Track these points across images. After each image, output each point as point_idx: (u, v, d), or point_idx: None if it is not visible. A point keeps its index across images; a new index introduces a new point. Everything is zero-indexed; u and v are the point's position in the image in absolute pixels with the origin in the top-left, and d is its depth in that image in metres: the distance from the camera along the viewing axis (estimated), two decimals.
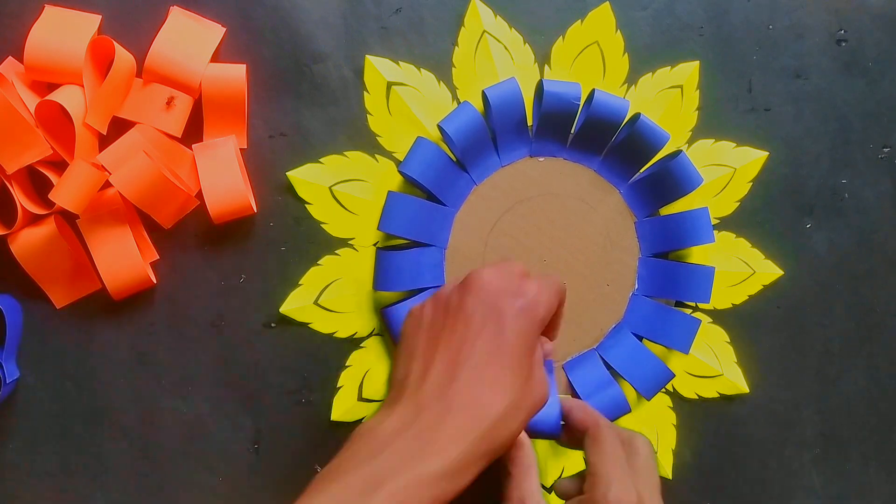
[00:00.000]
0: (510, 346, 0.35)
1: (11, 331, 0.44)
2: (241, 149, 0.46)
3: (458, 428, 0.33)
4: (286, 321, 0.47)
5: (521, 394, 0.35)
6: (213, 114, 0.45)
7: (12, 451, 0.46)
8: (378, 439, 0.33)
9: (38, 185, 0.45)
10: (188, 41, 0.44)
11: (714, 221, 0.50)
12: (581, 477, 0.39)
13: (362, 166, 0.47)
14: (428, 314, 0.38)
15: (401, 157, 0.47)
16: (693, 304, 0.50)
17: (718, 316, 0.51)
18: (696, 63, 0.49)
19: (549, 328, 0.40)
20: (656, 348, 0.49)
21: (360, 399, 0.47)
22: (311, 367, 0.47)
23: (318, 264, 0.47)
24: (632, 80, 0.49)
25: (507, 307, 0.36)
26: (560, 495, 0.41)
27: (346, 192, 0.47)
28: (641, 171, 0.48)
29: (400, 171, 0.45)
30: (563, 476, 0.48)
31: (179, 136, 0.44)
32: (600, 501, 0.36)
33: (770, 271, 0.51)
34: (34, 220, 0.44)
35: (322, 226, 0.47)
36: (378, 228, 0.46)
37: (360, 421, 0.47)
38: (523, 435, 0.41)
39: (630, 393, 0.49)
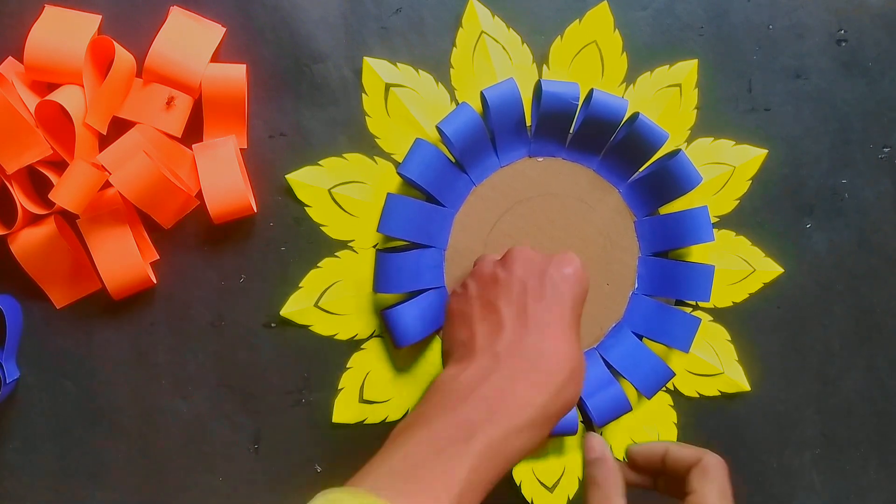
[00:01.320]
0: (568, 308, 0.37)
1: (11, 331, 0.44)
2: (241, 149, 0.46)
3: (537, 380, 0.34)
4: (286, 322, 0.47)
5: (579, 354, 0.37)
6: (213, 114, 0.45)
7: (12, 451, 0.46)
8: (461, 389, 0.34)
9: (38, 185, 0.45)
10: (188, 41, 0.44)
11: (713, 220, 0.50)
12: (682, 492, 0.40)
13: (361, 168, 0.47)
14: (474, 288, 0.40)
15: (400, 159, 0.47)
16: (693, 302, 0.50)
17: (719, 314, 0.51)
18: (695, 61, 0.49)
19: None
20: (657, 347, 0.49)
21: (362, 401, 0.47)
22: (312, 368, 0.47)
23: (318, 266, 0.47)
24: (630, 79, 0.49)
25: (557, 274, 0.38)
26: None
27: (345, 195, 0.47)
28: (640, 170, 0.48)
29: (399, 173, 0.45)
30: (563, 477, 0.48)
31: (179, 136, 0.44)
32: None
33: (770, 269, 0.51)
34: (34, 220, 0.44)
35: (321, 228, 0.47)
36: (377, 230, 0.46)
37: (362, 423, 0.47)
38: (607, 450, 0.42)
39: (631, 392, 0.49)
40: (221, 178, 0.44)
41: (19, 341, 0.45)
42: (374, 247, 0.47)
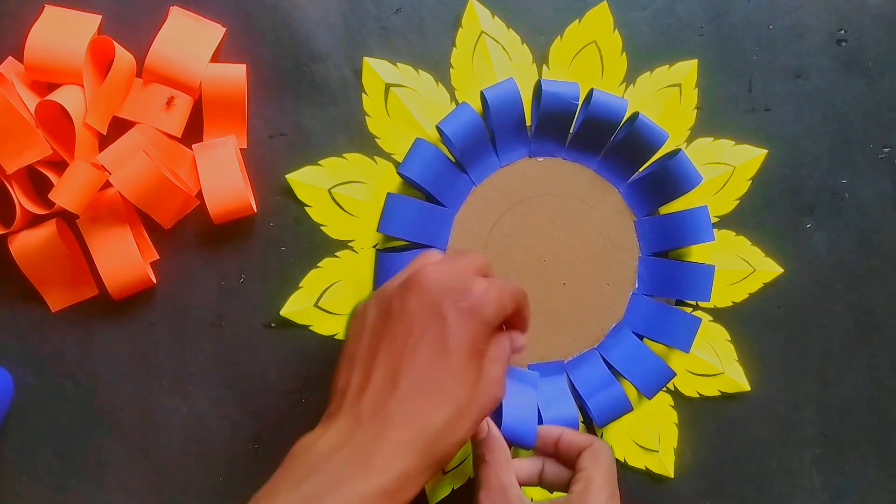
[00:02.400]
0: (453, 351, 0.33)
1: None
2: (241, 149, 0.46)
3: (399, 443, 0.31)
4: (286, 322, 0.47)
5: (465, 400, 0.33)
6: (213, 114, 0.45)
7: (12, 451, 0.46)
8: (314, 457, 0.32)
9: (38, 185, 0.45)
10: (188, 41, 0.44)
11: (714, 220, 0.50)
12: (568, 475, 0.41)
13: (361, 168, 0.47)
14: (371, 316, 0.35)
15: (400, 159, 0.47)
16: (693, 302, 0.50)
17: (719, 314, 0.51)
18: (695, 61, 0.49)
19: (517, 322, 0.39)
20: (657, 347, 0.49)
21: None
22: (311, 368, 0.47)
23: (318, 267, 0.47)
24: (630, 79, 0.49)
25: (450, 309, 0.33)
26: (545, 485, 0.43)
27: (345, 195, 0.47)
28: (640, 170, 0.48)
29: (399, 173, 0.45)
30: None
31: (179, 136, 0.44)
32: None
33: (770, 269, 0.51)
34: (34, 220, 0.44)
35: (322, 228, 0.47)
36: (378, 230, 0.46)
37: None
38: (490, 422, 0.42)
39: (631, 392, 0.49)
40: (221, 178, 0.44)
41: (5, 416, 0.45)
42: (375, 247, 0.47)
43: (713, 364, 0.50)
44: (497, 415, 0.44)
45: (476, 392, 0.34)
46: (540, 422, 0.46)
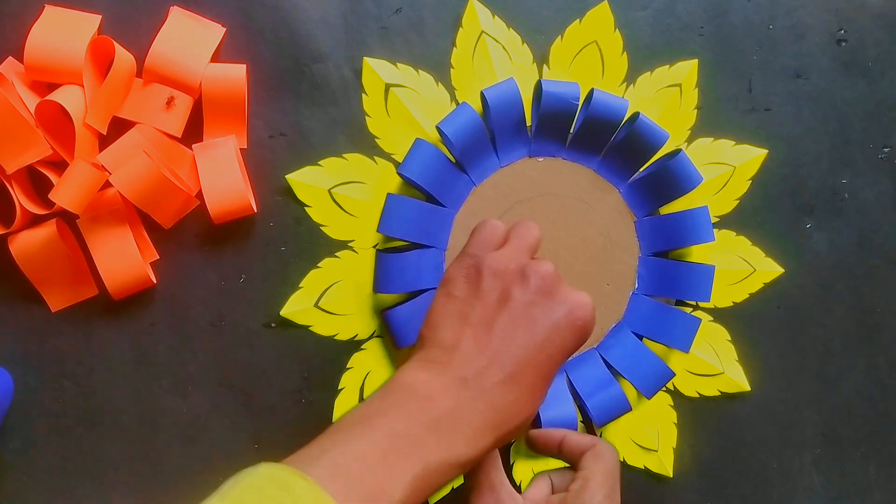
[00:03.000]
0: (550, 358, 0.35)
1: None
2: (241, 149, 0.46)
3: (494, 428, 0.34)
4: (286, 322, 0.47)
5: (537, 406, 0.36)
6: (213, 114, 0.45)
7: (12, 451, 0.46)
8: (430, 398, 0.34)
9: (38, 185, 0.45)
10: (188, 41, 0.44)
11: (714, 220, 0.50)
12: (568, 473, 0.41)
13: (361, 168, 0.47)
14: (486, 279, 0.36)
15: (400, 159, 0.47)
16: (693, 302, 0.50)
17: (719, 314, 0.51)
18: (695, 61, 0.49)
19: None
20: (657, 347, 0.49)
21: (362, 401, 0.47)
22: (311, 368, 0.47)
23: (318, 267, 0.47)
24: (630, 79, 0.49)
25: (542, 315, 0.35)
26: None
27: (345, 195, 0.47)
28: (641, 170, 0.48)
29: (399, 173, 0.45)
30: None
31: (179, 136, 0.44)
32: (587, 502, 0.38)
33: (770, 269, 0.51)
34: (34, 220, 0.44)
35: (321, 228, 0.47)
36: (377, 230, 0.46)
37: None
38: None
39: (631, 392, 0.49)
40: (221, 178, 0.44)
41: (5, 415, 0.45)
42: (375, 247, 0.47)
43: (713, 364, 0.50)
44: None
45: (538, 405, 0.36)
46: (539, 423, 0.46)
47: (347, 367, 0.47)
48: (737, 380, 0.50)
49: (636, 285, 0.49)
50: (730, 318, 0.51)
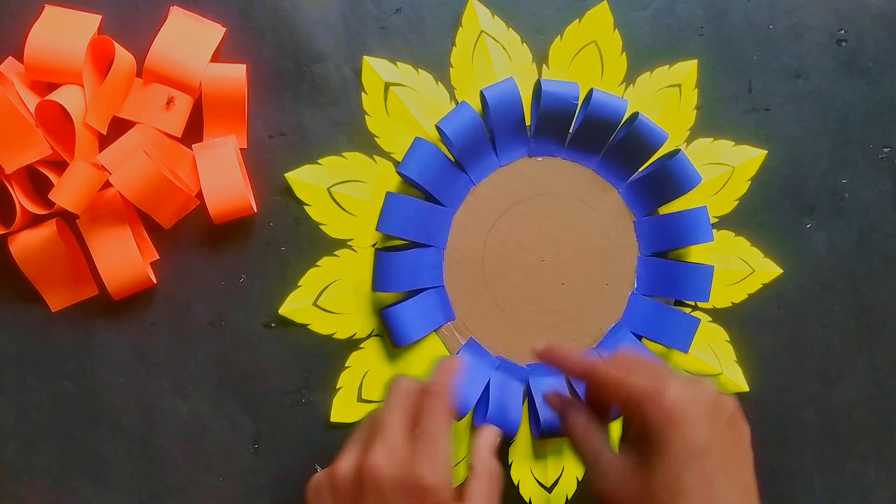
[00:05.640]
0: None
1: None
2: (241, 149, 0.46)
3: None
4: (286, 322, 0.47)
5: None
6: (213, 114, 0.45)
7: (12, 451, 0.46)
8: None
9: (38, 185, 0.45)
10: (188, 41, 0.44)
11: (713, 220, 0.50)
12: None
13: (361, 167, 0.47)
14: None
15: (399, 158, 0.47)
16: (692, 303, 0.50)
17: (718, 315, 0.51)
18: (695, 62, 0.49)
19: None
20: (656, 347, 0.49)
21: (360, 400, 0.47)
22: (311, 368, 0.47)
23: (317, 265, 0.47)
24: (630, 79, 0.49)
25: None
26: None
27: (344, 194, 0.47)
28: (640, 170, 0.48)
29: (398, 172, 0.46)
30: (561, 476, 0.48)
31: (179, 136, 0.44)
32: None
33: (769, 270, 0.51)
34: (34, 220, 0.44)
35: (321, 227, 0.47)
36: (377, 229, 0.46)
37: (359, 423, 0.47)
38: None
39: None
40: (221, 178, 0.44)
41: None
42: (374, 246, 0.47)
43: (712, 364, 0.50)
44: (485, 407, 0.45)
45: None
46: (538, 421, 0.46)
47: (346, 366, 0.47)
48: (736, 380, 0.50)
49: (635, 285, 0.49)
50: (729, 319, 0.51)
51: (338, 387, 0.47)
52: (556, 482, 0.48)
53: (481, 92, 0.46)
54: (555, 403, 0.41)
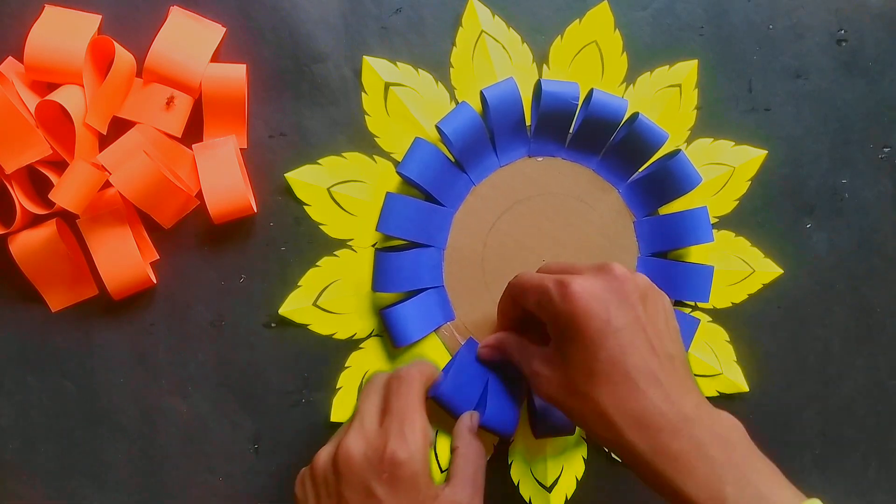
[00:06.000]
0: None
1: None
2: (241, 149, 0.46)
3: None
4: (286, 322, 0.47)
5: None
6: (213, 114, 0.45)
7: (12, 451, 0.46)
8: None
9: (38, 185, 0.45)
10: (188, 41, 0.44)
11: (713, 220, 0.50)
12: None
13: (360, 167, 0.47)
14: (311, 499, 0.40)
15: (399, 158, 0.47)
16: (692, 303, 0.50)
17: (718, 315, 0.51)
18: (695, 62, 0.49)
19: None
20: None
21: None
22: (311, 368, 0.47)
23: (317, 265, 0.47)
24: (630, 79, 0.49)
25: (377, 486, 0.37)
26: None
27: (344, 194, 0.47)
28: (640, 170, 0.48)
29: (398, 172, 0.46)
30: (561, 476, 0.48)
31: (179, 136, 0.44)
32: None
33: (770, 270, 0.51)
34: (34, 220, 0.44)
35: (320, 227, 0.47)
36: (377, 229, 0.46)
37: None
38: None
39: None
40: (221, 178, 0.44)
41: None
42: (373, 246, 0.47)
43: (712, 365, 0.50)
44: (482, 405, 0.45)
45: None
46: (536, 419, 0.46)
47: (346, 365, 0.47)
48: (735, 380, 0.50)
49: None
50: (729, 319, 0.51)
51: (338, 387, 0.47)
52: (556, 482, 0.48)
53: (481, 92, 0.46)
54: (491, 352, 0.45)
